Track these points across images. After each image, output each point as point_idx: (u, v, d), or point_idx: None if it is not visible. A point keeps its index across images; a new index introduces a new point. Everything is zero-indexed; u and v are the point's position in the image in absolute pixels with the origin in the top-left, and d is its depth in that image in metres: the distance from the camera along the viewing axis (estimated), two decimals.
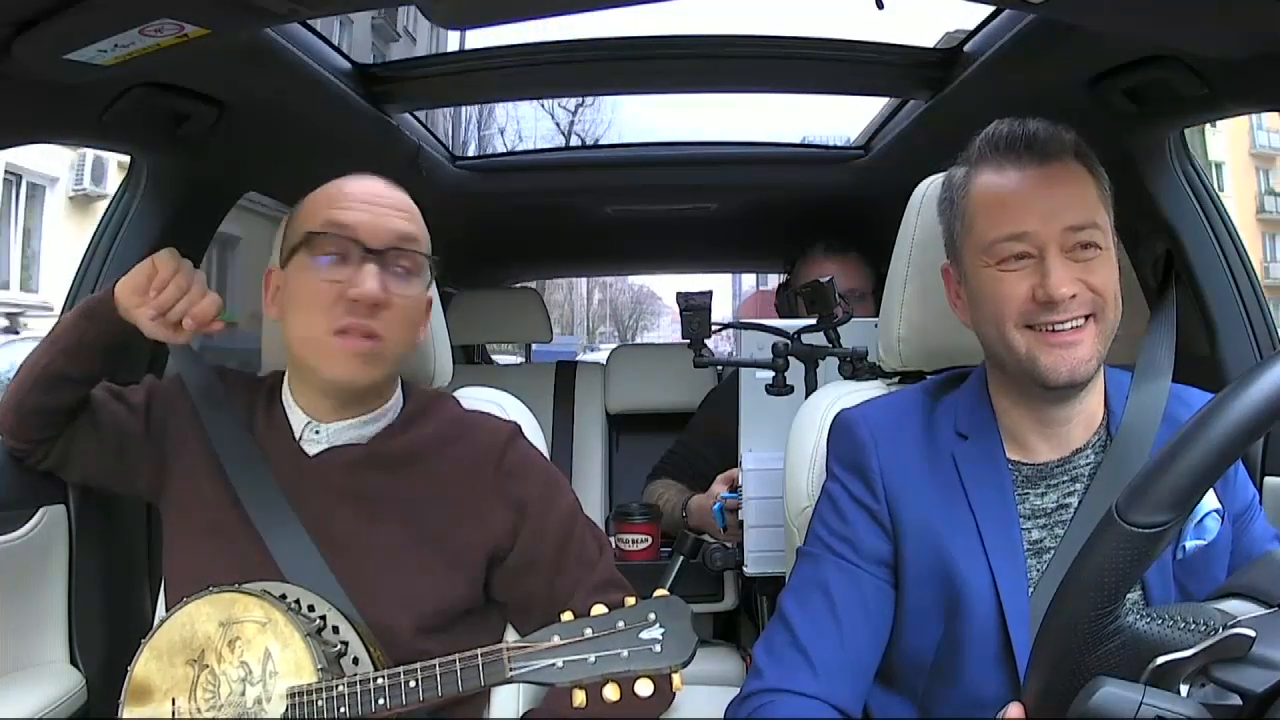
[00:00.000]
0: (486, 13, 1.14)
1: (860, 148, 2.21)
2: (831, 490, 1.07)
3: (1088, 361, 0.96)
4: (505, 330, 2.86)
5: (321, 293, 1.06)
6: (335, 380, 1.09)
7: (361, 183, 1.12)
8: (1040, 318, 0.96)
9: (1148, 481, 0.66)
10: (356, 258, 1.06)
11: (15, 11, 1.02)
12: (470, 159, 2.30)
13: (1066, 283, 0.95)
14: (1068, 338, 0.96)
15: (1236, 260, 1.44)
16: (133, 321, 1.10)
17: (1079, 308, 0.96)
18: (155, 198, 1.55)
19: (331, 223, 1.07)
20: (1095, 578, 0.66)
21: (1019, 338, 0.97)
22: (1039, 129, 0.99)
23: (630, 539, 1.85)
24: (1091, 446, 1.03)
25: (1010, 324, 0.97)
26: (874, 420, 1.07)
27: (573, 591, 1.10)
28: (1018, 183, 0.98)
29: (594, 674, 0.87)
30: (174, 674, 0.99)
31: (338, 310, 1.05)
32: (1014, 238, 0.97)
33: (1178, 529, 0.65)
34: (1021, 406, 1.02)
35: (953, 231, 1.05)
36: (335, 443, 1.13)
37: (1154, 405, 1.05)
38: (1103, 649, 0.67)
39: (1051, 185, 0.97)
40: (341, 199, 1.10)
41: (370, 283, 1.04)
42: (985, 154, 1.01)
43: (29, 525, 1.29)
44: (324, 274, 1.06)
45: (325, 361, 1.07)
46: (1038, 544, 1.00)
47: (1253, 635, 0.64)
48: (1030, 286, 0.96)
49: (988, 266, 0.99)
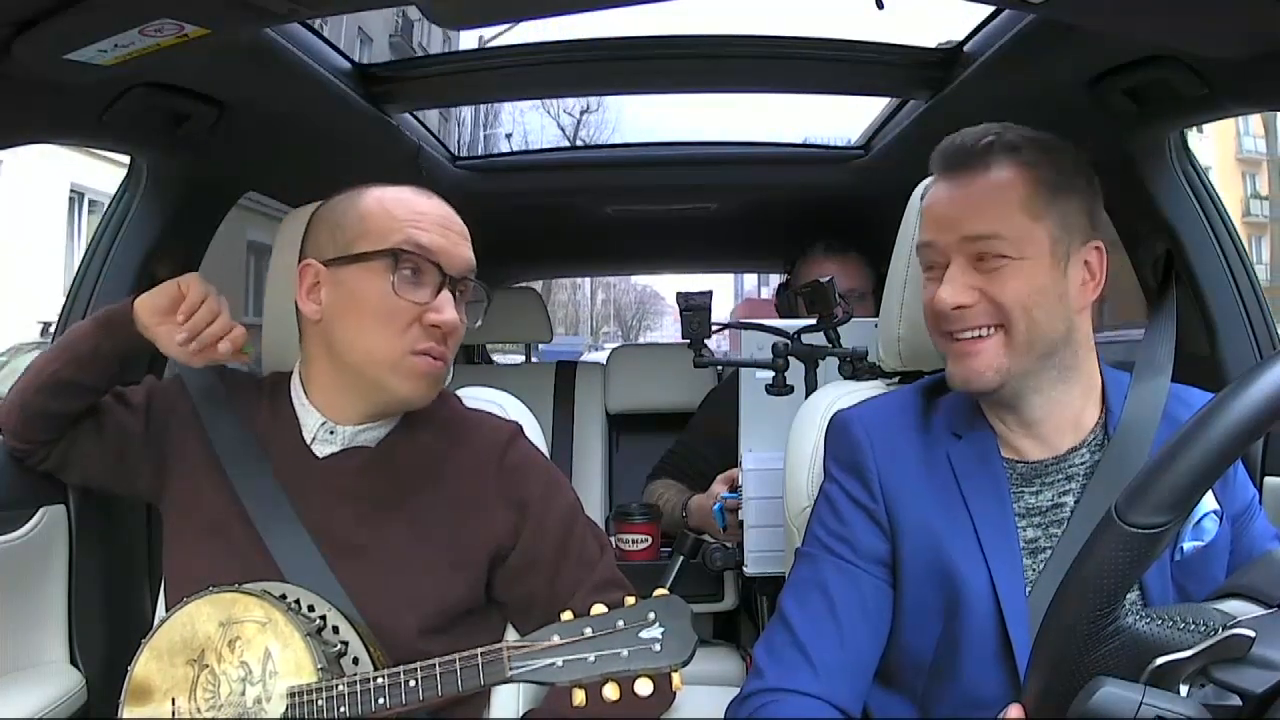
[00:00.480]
0: (486, 13, 1.14)
1: (860, 148, 2.21)
2: (829, 491, 1.07)
3: (982, 373, 0.98)
4: (505, 330, 2.85)
5: (401, 311, 1.06)
6: (404, 399, 1.10)
7: (432, 203, 1.13)
8: (942, 325, 1.01)
9: (1147, 482, 0.66)
10: (434, 282, 1.07)
11: (15, 11, 1.02)
12: (470, 159, 2.31)
13: (959, 293, 0.98)
14: (966, 347, 0.99)
15: (1236, 260, 1.44)
16: (153, 339, 1.11)
17: (976, 318, 0.98)
18: (155, 198, 1.55)
19: (415, 243, 1.07)
20: (1094, 579, 0.66)
21: (939, 342, 1.03)
22: (968, 137, 1.01)
23: (630, 539, 1.85)
24: (1087, 445, 1.03)
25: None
26: (870, 420, 1.08)
27: (573, 591, 1.10)
28: (939, 193, 1.03)
29: (594, 673, 0.87)
30: (174, 674, 0.99)
31: (415, 332, 1.07)
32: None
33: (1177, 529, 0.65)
34: (988, 406, 1.04)
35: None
36: (350, 444, 1.13)
37: (1153, 404, 1.05)
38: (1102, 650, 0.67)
39: (960, 195, 1.00)
40: (418, 218, 1.10)
41: (451, 312, 1.08)
42: (934, 163, 1.05)
43: (29, 525, 1.29)
44: (405, 293, 1.06)
45: (397, 379, 1.08)
46: (1033, 543, 1.01)
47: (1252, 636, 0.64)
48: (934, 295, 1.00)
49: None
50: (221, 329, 1.09)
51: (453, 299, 1.08)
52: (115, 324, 1.13)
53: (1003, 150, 0.99)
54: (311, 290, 1.11)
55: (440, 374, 1.10)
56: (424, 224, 1.09)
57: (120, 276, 1.51)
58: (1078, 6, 1.05)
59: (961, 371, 1.00)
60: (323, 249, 1.11)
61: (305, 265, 1.12)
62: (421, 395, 1.10)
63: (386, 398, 1.10)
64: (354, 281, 1.08)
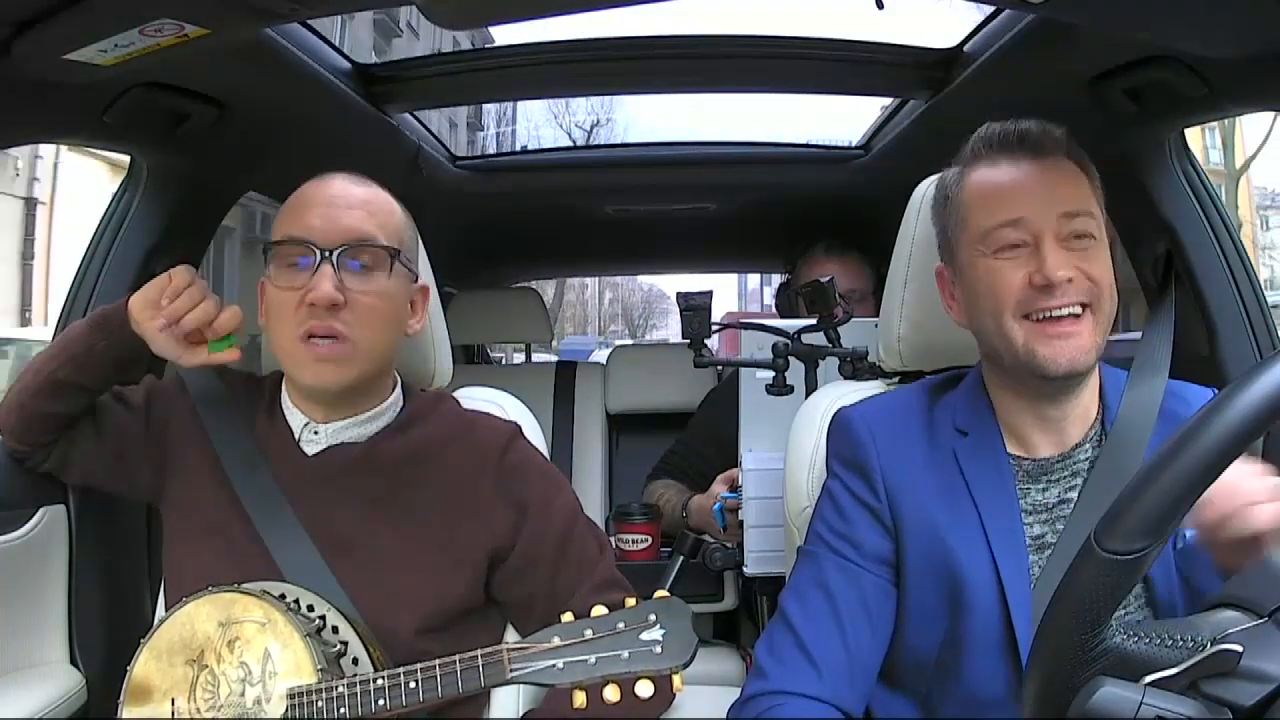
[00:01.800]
0: (486, 13, 1.14)
1: (860, 148, 2.21)
2: (832, 488, 1.07)
3: (1087, 351, 0.96)
4: (505, 330, 2.85)
5: (286, 301, 1.06)
6: (309, 386, 1.09)
7: (324, 185, 1.11)
8: (1037, 304, 0.96)
9: (1123, 509, 0.66)
10: (312, 263, 1.06)
11: (15, 11, 1.02)
12: (470, 159, 2.30)
13: (1063, 265, 0.95)
14: (1065, 328, 0.96)
15: (1236, 260, 1.44)
16: (143, 335, 1.10)
17: (1076, 294, 0.96)
18: (155, 198, 1.55)
19: (287, 232, 1.08)
20: (1078, 604, 0.66)
21: (1017, 329, 0.97)
22: (1032, 126, 1.01)
23: (630, 539, 1.85)
24: (1089, 441, 1.03)
25: (1008, 314, 0.97)
26: (873, 418, 1.07)
27: (573, 591, 1.10)
28: (1012, 174, 1.00)
29: (594, 675, 0.87)
30: (173, 674, 0.99)
31: (300, 316, 1.05)
32: (1009, 224, 0.98)
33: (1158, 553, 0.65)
34: (1021, 402, 1.03)
35: (947, 230, 1.05)
36: (334, 442, 1.13)
37: (1150, 401, 1.05)
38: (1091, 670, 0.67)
39: (1045, 175, 0.99)
40: (302, 206, 1.10)
41: (323, 284, 1.04)
42: (979, 151, 1.03)
43: (29, 525, 1.29)
44: (285, 281, 1.07)
45: (297, 368, 1.08)
46: (1039, 539, 1.00)
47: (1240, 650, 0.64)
48: (1027, 273, 0.96)
49: (984, 256, 0.99)
50: (202, 315, 1.08)
51: (331, 272, 1.05)
52: (110, 323, 1.13)
53: (1065, 140, 1.01)
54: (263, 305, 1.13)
55: (339, 355, 1.06)
56: (304, 209, 1.09)
57: (120, 276, 1.51)
58: (1078, 6, 1.05)
59: (1063, 353, 0.95)
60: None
61: (260, 284, 1.14)
62: (323, 381, 1.07)
63: (304, 390, 1.11)
64: (266, 287, 1.10)
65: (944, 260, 1.08)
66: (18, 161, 9.75)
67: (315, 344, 1.05)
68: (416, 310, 1.17)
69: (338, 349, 1.05)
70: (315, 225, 1.07)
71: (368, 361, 1.09)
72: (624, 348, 2.88)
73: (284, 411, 1.16)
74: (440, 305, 1.30)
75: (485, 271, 3.17)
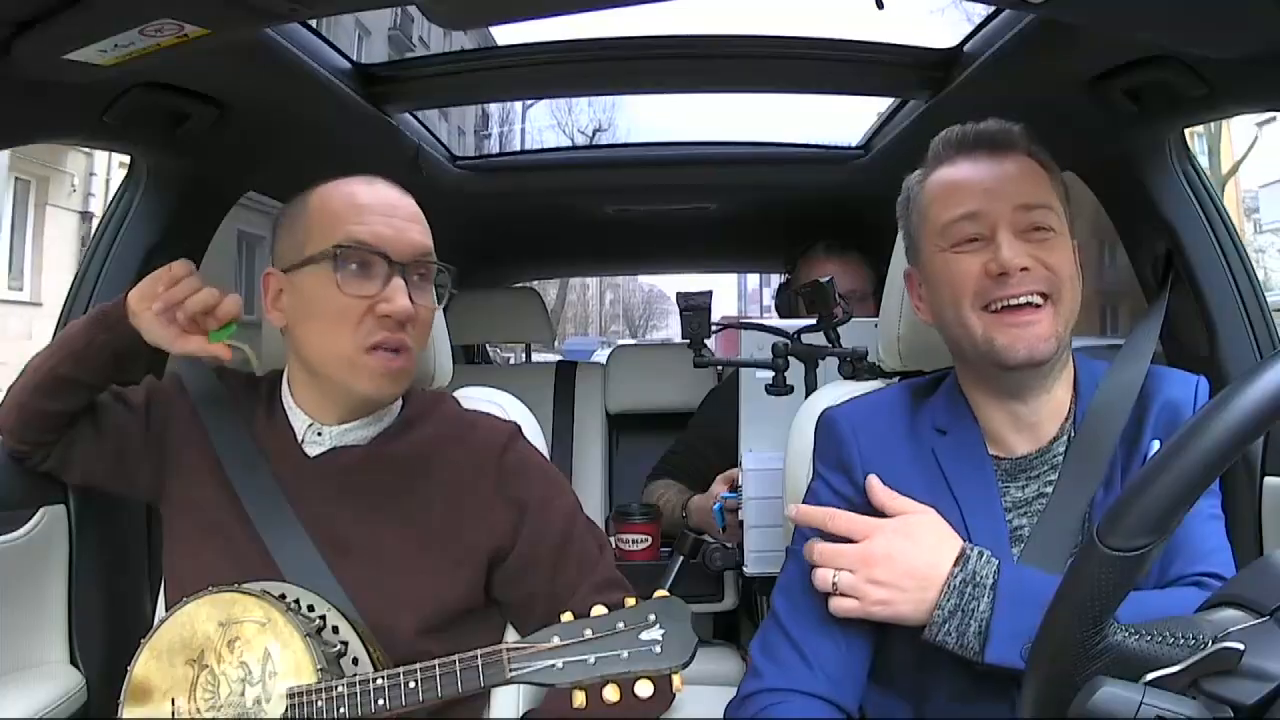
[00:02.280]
0: (486, 13, 1.14)
1: (860, 148, 2.21)
2: (815, 488, 1.08)
3: (1046, 340, 0.96)
4: (505, 330, 2.85)
5: (349, 308, 1.06)
6: (368, 397, 1.09)
7: (374, 191, 1.11)
8: (994, 293, 0.97)
9: (1126, 506, 0.66)
10: (382, 272, 1.06)
11: (15, 11, 1.02)
12: (470, 159, 2.30)
13: (1019, 255, 0.96)
14: (1024, 316, 0.97)
15: (1236, 260, 1.44)
16: (139, 325, 1.10)
17: (1033, 283, 0.97)
18: (155, 198, 1.55)
19: (355, 237, 1.07)
20: (1081, 602, 0.67)
21: (975, 320, 0.98)
22: (990, 125, 1.03)
23: (630, 539, 1.85)
24: (1064, 435, 1.04)
25: (966, 304, 0.99)
26: (854, 416, 1.09)
27: (573, 591, 1.10)
28: (969, 170, 1.02)
29: (594, 675, 0.87)
30: (174, 674, 0.99)
31: (367, 325, 1.06)
32: (966, 217, 0.99)
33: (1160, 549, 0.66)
34: (993, 401, 1.04)
35: (910, 230, 1.08)
36: (337, 444, 1.13)
37: (1125, 389, 1.04)
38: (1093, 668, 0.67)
39: (1002, 170, 1.01)
40: (359, 211, 1.08)
41: (402, 299, 1.05)
42: (939, 153, 1.05)
43: (29, 525, 1.29)
44: (351, 289, 1.06)
45: (357, 378, 1.07)
46: (1018, 530, 1.01)
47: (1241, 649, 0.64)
48: (982, 263, 0.98)
49: (943, 251, 1.01)
50: (203, 299, 1.07)
51: (404, 286, 1.06)
52: (109, 318, 1.13)
53: (1026, 140, 1.03)
54: (276, 299, 1.12)
55: (401, 368, 1.08)
56: (366, 215, 1.08)
57: (120, 276, 1.51)
58: (1078, 6, 1.05)
59: (1021, 341, 0.96)
60: (280, 256, 1.13)
61: (267, 275, 1.13)
62: (384, 392, 1.09)
63: (353, 398, 1.10)
64: (306, 286, 1.08)
65: (910, 262, 1.10)
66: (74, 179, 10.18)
67: (384, 355, 1.06)
68: None
69: (404, 362, 1.08)
70: (386, 236, 1.07)
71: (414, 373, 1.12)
72: (624, 347, 2.88)
73: (285, 412, 1.15)
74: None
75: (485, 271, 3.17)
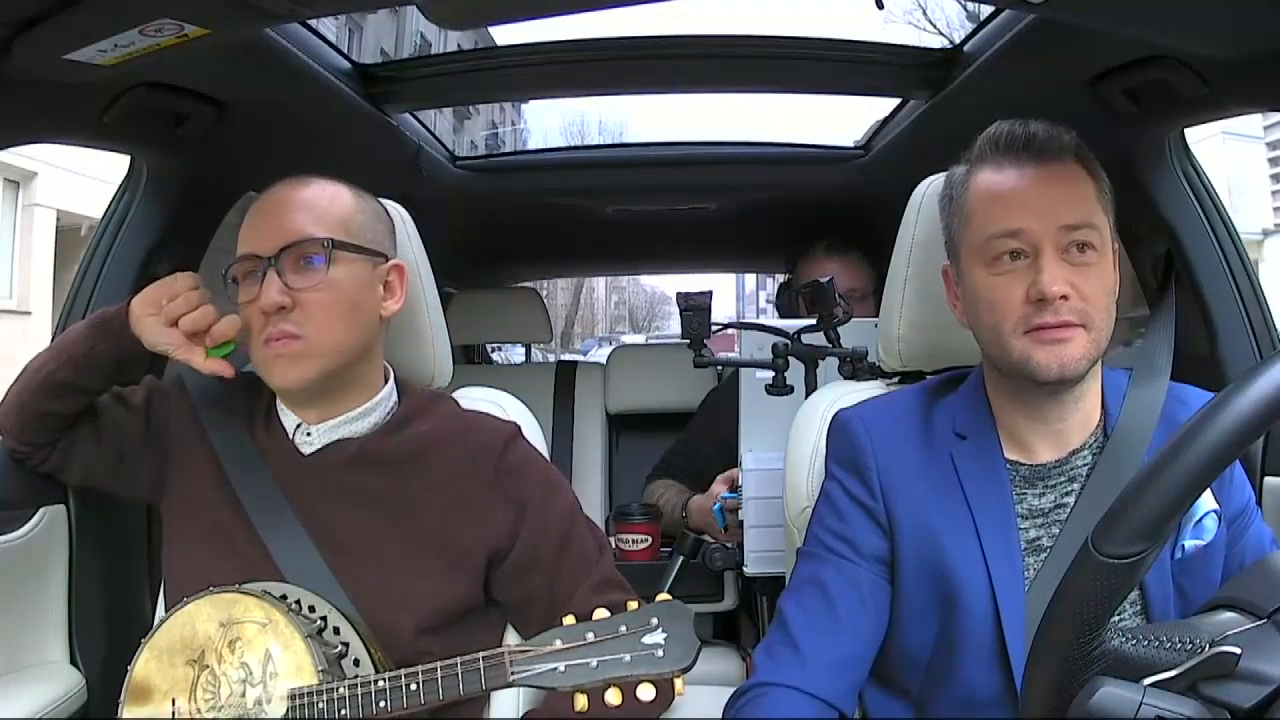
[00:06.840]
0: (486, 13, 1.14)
1: (860, 148, 2.21)
2: (829, 490, 1.07)
3: (1078, 360, 0.96)
4: (505, 330, 2.85)
5: (250, 315, 1.09)
6: (278, 387, 1.12)
7: (270, 195, 1.13)
8: (1035, 319, 0.96)
9: (1120, 513, 0.66)
10: (258, 272, 1.08)
11: (15, 11, 1.02)
12: (470, 159, 2.30)
13: (1058, 281, 0.95)
14: (1060, 334, 0.96)
15: (1236, 260, 1.44)
16: (140, 332, 1.10)
17: (1069, 313, 0.96)
18: (155, 198, 1.55)
19: (238, 251, 1.11)
20: (1076, 608, 0.67)
21: (1015, 343, 0.97)
22: (1039, 129, 1.00)
23: (630, 539, 1.85)
24: (1089, 447, 1.03)
25: (1008, 329, 0.97)
26: (870, 419, 1.07)
27: (573, 592, 1.10)
28: (1015, 180, 0.99)
29: (596, 678, 0.87)
30: (174, 674, 0.99)
31: (259, 325, 1.08)
32: (1009, 234, 0.97)
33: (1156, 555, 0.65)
34: (1019, 405, 1.02)
35: (952, 229, 1.05)
36: (328, 440, 1.13)
37: (1151, 405, 1.04)
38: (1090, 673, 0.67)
39: (1049, 184, 0.98)
40: (248, 223, 1.12)
41: (268, 293, 1.06)
42: (986, 152, 1.02)
43: (29, 525, 1.29)
44: (242, 298, 1.10)
45: (265, 372, 1.10)
46: (1035, 542, 1.00)
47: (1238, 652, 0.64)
48: (1024, 288, 0.96)
49: (982, 267, 0.99)
50: (197, 318, 1.08)
51: (276, 278, 1.07)
52: (111, 325, 1.13)
53: (1075, 147, 1.00)
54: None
55: (296, 353, 1.07)
56: (252, 223, 1.12)
57: (120, 277, 1.51)
58: (1078, 6, 1.05)
59: (1055, 359, 0.95)
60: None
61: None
62: (287, 378, 1.09)
63: (282, 394, 1.14)
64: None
65: (950, 258, 1.07)
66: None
67: (274, 345, 1.07)
68: (392, 290, 1.15)
69: (290, 346, 1.07)
70: (257, 235, 1.10)
71: (330, 354, 1.09)
72: (624, 347, 2.88)
73: (279, 414, 1.16)
74: (440, 305, 1.30)
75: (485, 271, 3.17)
